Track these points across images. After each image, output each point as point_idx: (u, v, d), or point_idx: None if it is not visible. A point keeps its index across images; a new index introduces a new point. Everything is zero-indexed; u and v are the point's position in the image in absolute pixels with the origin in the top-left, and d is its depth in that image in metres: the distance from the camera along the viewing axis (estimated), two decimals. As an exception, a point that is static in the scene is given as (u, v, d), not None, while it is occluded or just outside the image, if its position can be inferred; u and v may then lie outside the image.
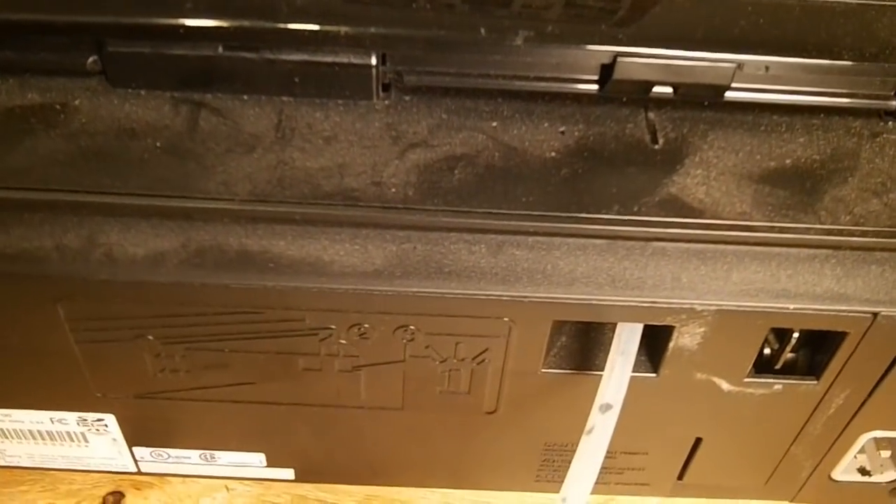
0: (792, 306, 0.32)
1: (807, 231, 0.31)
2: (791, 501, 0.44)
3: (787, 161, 0.33)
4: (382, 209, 0.30)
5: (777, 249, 0.32)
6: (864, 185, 0.33)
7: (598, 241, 0.31)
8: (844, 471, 0.41)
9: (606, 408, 0.32)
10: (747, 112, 0.34)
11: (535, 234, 0.31)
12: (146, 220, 0.31)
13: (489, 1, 0.33)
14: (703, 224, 0.31)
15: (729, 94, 0.33)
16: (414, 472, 0.43)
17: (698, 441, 0.39)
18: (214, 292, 0.31)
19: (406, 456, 0.41)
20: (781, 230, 0.31)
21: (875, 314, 0.32)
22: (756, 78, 0.33)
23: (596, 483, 0.42)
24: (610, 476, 0.41)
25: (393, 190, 0.31)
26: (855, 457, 0.41)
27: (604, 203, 0.31)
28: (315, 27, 0.31)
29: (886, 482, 0.42)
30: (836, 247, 0.32)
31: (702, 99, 0.34)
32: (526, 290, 0.31)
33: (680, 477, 0.42)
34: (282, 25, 0.31)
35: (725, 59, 0.32)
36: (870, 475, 0.42)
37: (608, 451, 0.39)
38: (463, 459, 0.41)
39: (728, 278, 0.32)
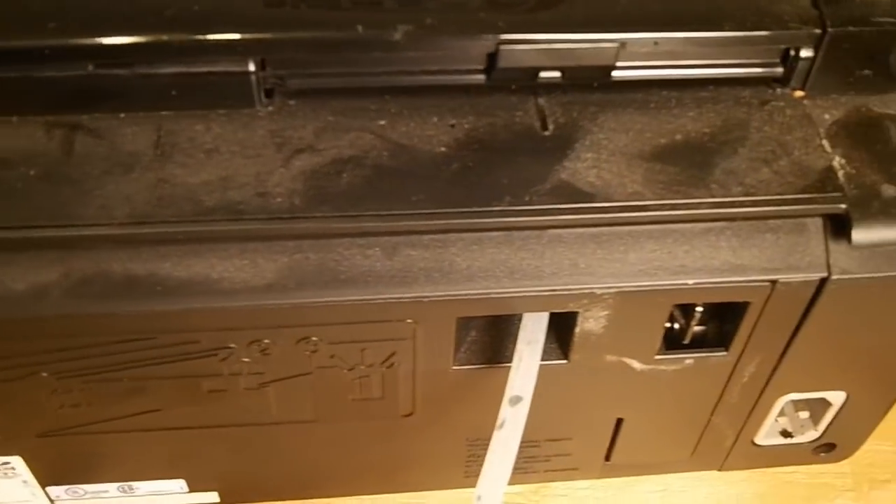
0: (691, 282, 0.31)
1: (699, 206, 0.31)
2: (719, 470, 0.44)
3: (678, 136, 0.33)
4: (268, 221, 0.29)
5: (672, 226, 0.32)
6: (754, 154, 0.33)
7: (493, 234, 0.31)
8: (767, 435, 0.42)
9: (516, 400, 0.32)
10: (637, 90, 0.34)
11: (429, 232, 0.31)
12: (24, 253, 0.30)
13: (365, -3, 0.33)
14: (595, 208, 0.30)
15: (616, 74, 0.33)
16: (342, 481, 0.42)
17: (620, 421, 0.39)
18: (103, 322, 0.30)
19: (331, 466, 0.40)
20: (673, 207, 0.31)
21: (774, 282, 0.32)
22: (643, 55, 0.33)
23: (525, 473, 0.42)
24: (538, 464, 0.41)
25: (279, 199, 0.30)
26: (776, 420, 0.42)
27: (495, 195, 0.30)
28: (188, 37, 0.30)
29: (809, 442, 0.43)
30: (730, 218, 0.32)
31: (589, 81, 0.34)
32: (425, 289, 0.31)
33: (607, 458, 0.41)
34: (153, 38, 0.30)
35: (608, 38, 0.32)
36: (792, 437, 0.42)
37: (533, 441, 0.39)
38: (389, 464, 0.40)
39: (626, 259, 0.31)
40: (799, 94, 0.35)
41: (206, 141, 0.31)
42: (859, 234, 0.31)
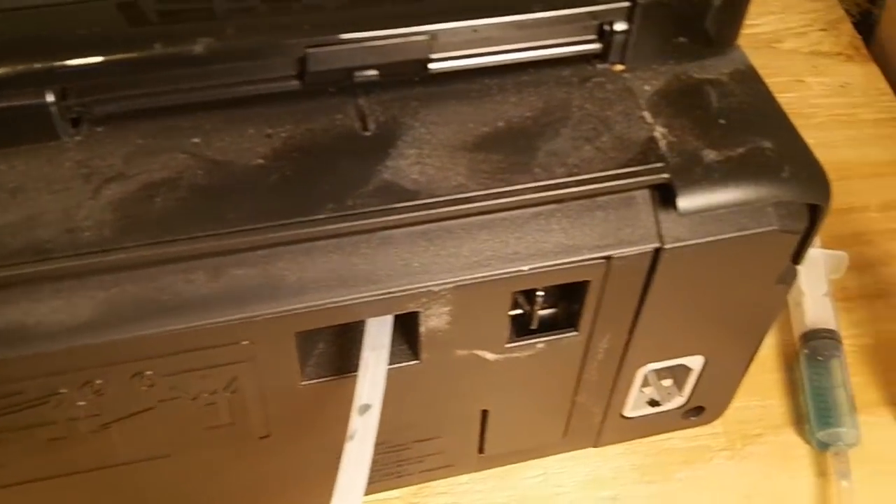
0: (526, 268, 0.31)
1: (523, 191, 0.31)
2: (595, 447, 0.44)
3: (500, 123, 0.33)
4: (77, 257, 0.28)
5: (501, 214, 0.31)
6: (576, 133, 0.33)
7: (321, 243, 0.30)
8: (634, 407, 0.42)
9: (365, 408, 0.31)
10: (457, 80, 0.34)
11: (253, 248, 0.29)
12: None
13: (160, 11, 0.31)
14: (419, 205, 0.30)
15: (434, 66, 0.33)
16: (213, 510, 0.41)
17: (485, 413, 0.39)
18: (-87, 384, 0.28)
19: (198, 498, 0.39)
20: (498, 195, 0.30)
21: (608, 258, 0.32)
22: (458, 45, 0.33)
23: (400, 477, 0.41)
24: (411, 466, 0.41)
25: (87, 234, 0.28)
26: (641, 391, 0.42)
27: (317, 203, 0.29)
28: (-24, 73, 0.28)
29: (677, 408, 0.43)
30: (558, 200, 0.32)
31: (407, 76, 0.33)
32: (256, 308, 0.30)
33: (481, 450, 0.41)
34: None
35: (417, 31, 0.32)
36: (660, 405, 0.43)
37: (401, 444, 0.39)
38: (256, 488, 0.39)
39: (459, 253, 0.31)
40: (619, 67, 0.35)
41: (11, 180, 0.30)
42: (684, 202, 0.31)
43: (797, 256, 0.35)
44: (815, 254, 0.51)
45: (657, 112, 0.33)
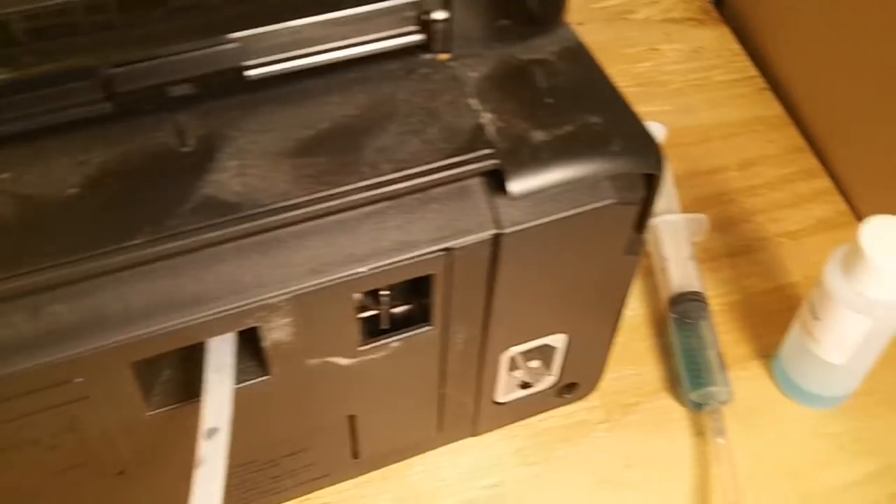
0: (364, 269, 0.31)
1: (351, 192, 0.30)
2: (474, 436, 0.44)
3: (324, 125, 0.32)
4: None
5: (332, 218, 0.31)
6: (403, 127, 0.32)
7: (143, 269, 0.29)
8: (506, 392, 0.42)
9: (213, 432, 0.30)
10: (278, 85, 0.33)
11: (71, 282, 0.28)
12: None
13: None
14: (242, 217, 0.29)
15: (252, 73, 0.32)
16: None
17: (353, 418, 0.38)
18: None
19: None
20: (324, 199, 0.30)
21: (448, 249, 0.32)
22: (274, 48, 0.32)
23: (278, 493, 0.41)
24: (286, 481, 0.40)
25: None
26: (511, 375, 0.42)
27: (134, 228, 0.28)
28: None
29: (549, 387, 0.43)
30: (389, 198, 0.31)
31: (225, 86, 0.32)
32: (82, 344, 0.28)
33: (356, 455, 0.41)
34: None
35: (227, 39, 0.31)
36: (532, 386, 0.43)
37: (270, 461, 0.38)
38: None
39: (292, 262, 0.30)
40: (444, 56, 0.35)
41: None
42: (515, 185, 0.31)
43: (640, 226, 0.36)
44: (676, 219, 0.51)
45: (484, 98, 0.33)
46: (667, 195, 0.53)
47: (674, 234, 0.51)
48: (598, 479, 0.44)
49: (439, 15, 0.34)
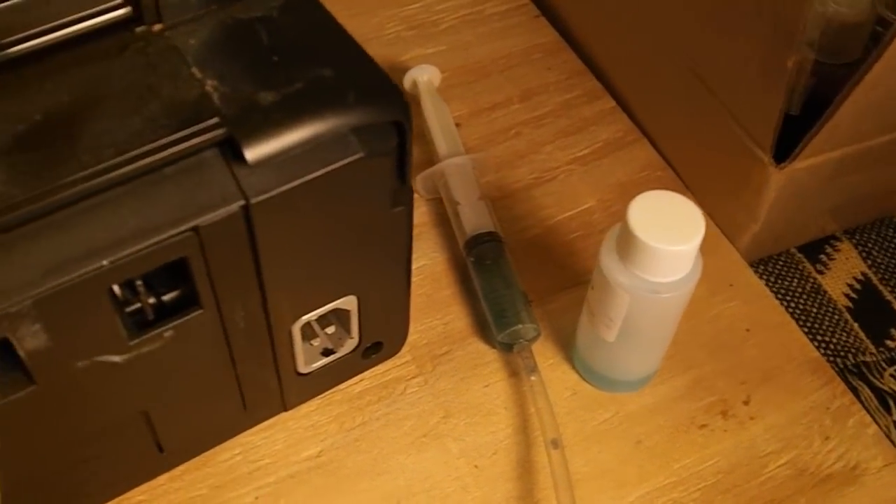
0: (105, 262, 0.29)
1: (73, 183, 0.29)
2: (286, 410, 0.44)
3: (37, 116, 0.30)
4: None
5: (61, 214, 0.29)
6: (121, 107, 0.31)
7: None
8: (308, 361, 0.41)
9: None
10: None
11: None
12: None
13: None
14: (-47, 228, 0.27)
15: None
16: None
17: (147, 413, 0.37)
18: None
19: None
20: (46, 194, 0.28)
21: (195, 228, 0.31)
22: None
23: (89, 496, 0.39)
24: (94, 486, 0.38)
25: None
26: (310, 345, 0.42)
27: None
28: None
29: (353, 350, 0.43)
30: (120, 183, 0.30)
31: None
32: None
33: (161, 450, 0.39)
34: None
35: None
36: (335, 352, 0.42)
37: (66, 468, 0.36)
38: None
39: (26, 266, 0.29)
40: (158, 27, 0.33)
41: None
42: (251, 152, 0.31)
43: (402, 176, 0.36)
44: (461, 161, 0.51)
45: (206, 65, 0.32)
46: (449, 137, 0.53)
47: (461, 176, 0.51)
48: (419, 435, 0.44)
49: (149, -15, 0.32)
